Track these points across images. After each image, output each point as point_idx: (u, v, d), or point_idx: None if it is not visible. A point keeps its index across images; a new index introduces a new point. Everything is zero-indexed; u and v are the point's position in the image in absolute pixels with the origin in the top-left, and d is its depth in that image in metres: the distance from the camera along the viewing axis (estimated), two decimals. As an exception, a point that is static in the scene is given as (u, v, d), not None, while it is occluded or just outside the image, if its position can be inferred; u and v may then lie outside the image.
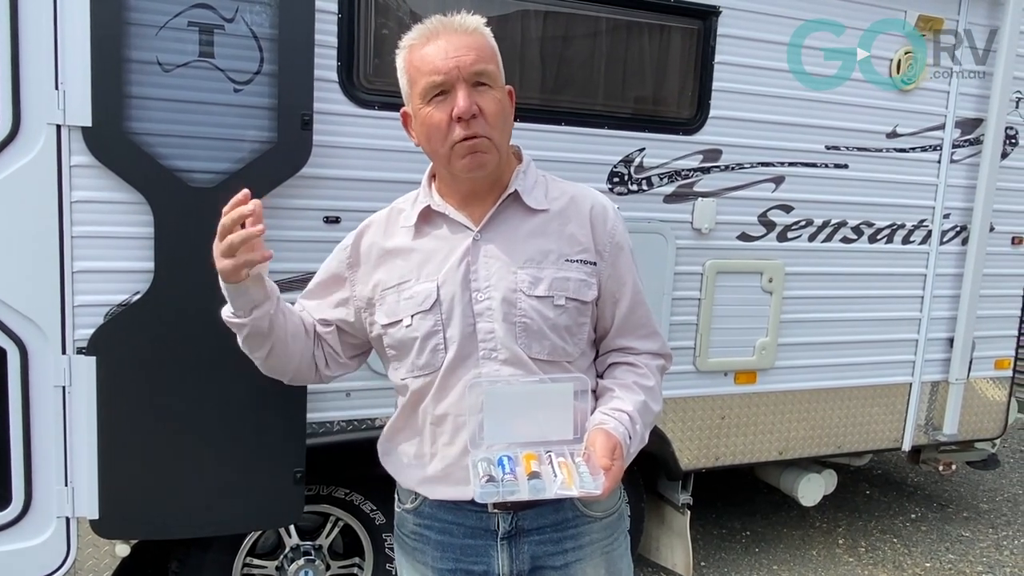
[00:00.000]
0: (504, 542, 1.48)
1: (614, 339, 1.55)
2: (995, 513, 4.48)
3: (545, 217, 1.47)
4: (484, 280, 1.43)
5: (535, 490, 1.28)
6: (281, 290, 2.43)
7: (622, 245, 1.52)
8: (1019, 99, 3.48)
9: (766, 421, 3.30)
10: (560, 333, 1.45)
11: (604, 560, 1.54)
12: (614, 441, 1.33)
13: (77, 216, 2.20)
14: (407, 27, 1.45)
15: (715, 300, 3.09)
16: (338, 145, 2.46)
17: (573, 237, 1.47)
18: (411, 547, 1.56)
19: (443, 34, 1.37)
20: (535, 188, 1.49)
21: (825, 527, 4.18)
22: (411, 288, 1.45)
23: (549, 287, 1.43)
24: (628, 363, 1.53)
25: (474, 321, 1.42)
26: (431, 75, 1.35)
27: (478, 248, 1.44)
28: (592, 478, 1.27)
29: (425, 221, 1.49)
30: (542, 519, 1.48)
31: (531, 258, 1.44)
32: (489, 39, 1.42)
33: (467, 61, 1.35)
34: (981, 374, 3.70)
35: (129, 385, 2.26)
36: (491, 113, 1.37)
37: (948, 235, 3.49)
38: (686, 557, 3.32)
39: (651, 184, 2.91)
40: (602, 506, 1.53)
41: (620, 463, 1.31)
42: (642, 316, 1.55)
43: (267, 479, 2.42)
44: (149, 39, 2.18)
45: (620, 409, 1.42)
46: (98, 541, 2.36)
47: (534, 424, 1.36)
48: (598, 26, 2.79)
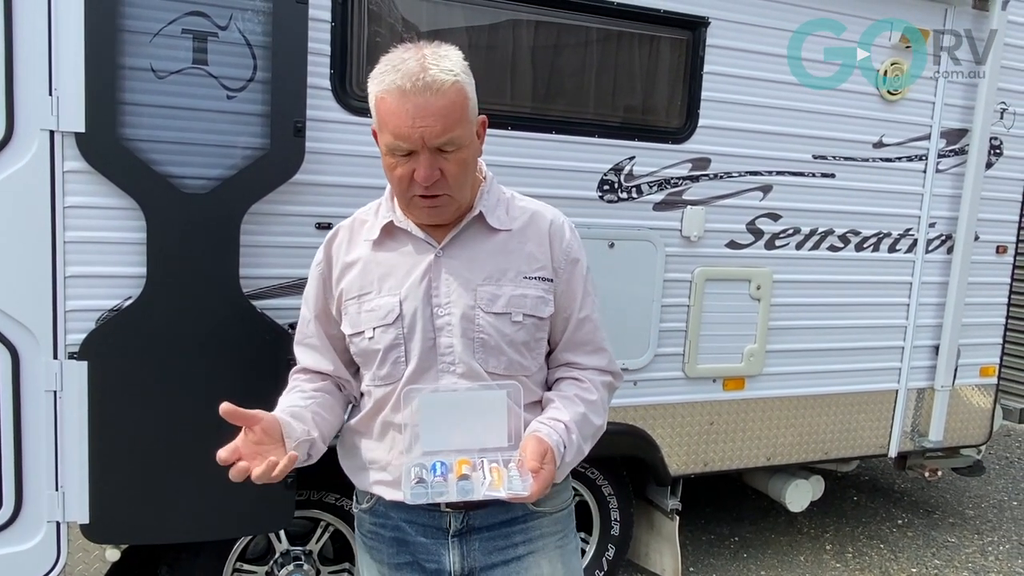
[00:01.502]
0: (455, 540, 1.52)
1: (561, 353, 1.58)
2: (980, 519, 4.52)
3: (506, 236, 1.50)
4: (445, 296, 1.46)
5: (463, 491, 1.31)
6: (271, 295, 2.48)
7: (577, 260, 1.55)
8: (1003, 110, 3.53)
9: (754, 427, 3.33)
10: (518, 348, 1.48)
11: (559, 554, 1.57)
12: (545, 446, 1.35)
13: (70, 221, 2.21)
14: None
15: (704, 307, 3.12)
16: (330, 152, 2.48)
17: (532, 255, 1.50)
18: (368, 546, 1.61)
19: (412, 96, 1.30)
20: (497, 207, 1.52)
21: (813, 533, 4.21)
22: (372, 301, 1.48)
23: (507, 304, 1.46)
24: (573, 377, 1.56)
25: (434, 335, 1.46)
26: (396, 138, 1.33)
27: (440, 265, 1.47)
28: (521, 481, 1.30)
29: (387, 235, 1.51)
30: (492, 517, 1.52)
31: (490, 275, 1.47)
32: (463, 92, 1.35)
33: (433, 132, 1.32)
34: (966, 381, 3.74)
35: (120, 390, 2.27)
36: (453, 175, 1.37)
37: (934, 244, 3.53)
38: (675, 562, 3.35)
39: (641, 192, 2.94)
40: (552, 502, 1.56)
41: (551, 467, 1.33)
42: (588, 332, 1.57)
43: (257, 484, 2.43)
44: (143, 46, 2.19)
45: (556, 419, 1.45)
46: (88, 546, 2.37)
47: (470, 432, 1.40)
48: (588, 36, 2.82)
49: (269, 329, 2.39)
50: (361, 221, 1.56)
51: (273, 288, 2.46)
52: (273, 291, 2.46)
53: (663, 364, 3.10)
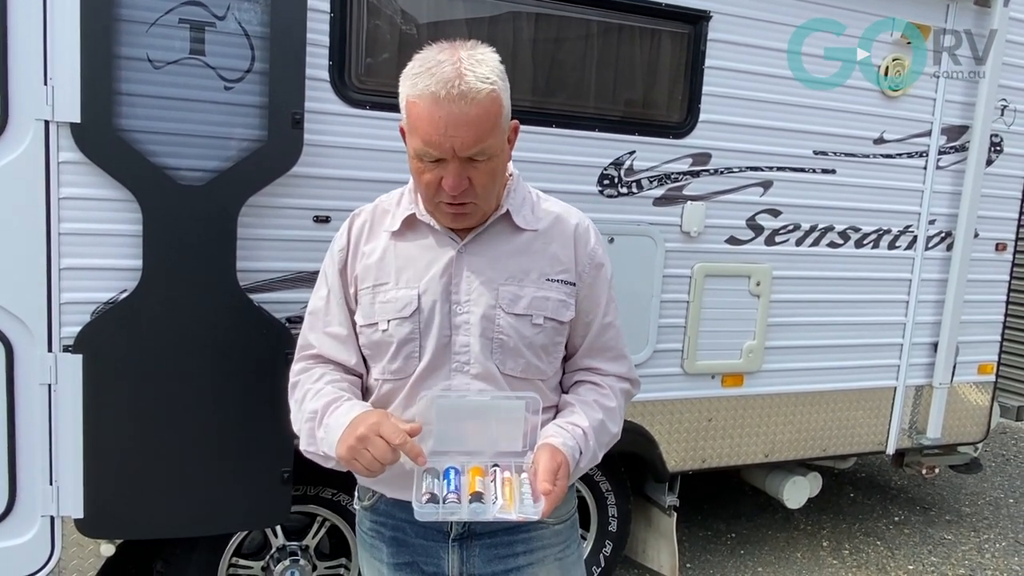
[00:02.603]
0: (455, 544, 1.50)
1: (582, 359, 1.55)
2: (977, 516, 4.52)
3: (531, 236, 1.47)
4: (465, 294, 1.43)
5: (474, 513, 1.29)
6: (270, 289, 2.45)
7: (601, 265, 1.52)
8: (1004, 107, 3.52)
9: (752, 424, 3.32)
10: (536, 351, 1.45)
11: (558, 567, 1.55)
12: (559, 460, 1.31)
13: (65, 213, 2.19)
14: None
15: (703, 303, 3.10)
16: (329, 144, 2.45)
17: (555, 257, 1.47)
18: (368, 544, 1.59)
19: (446, 104, 1.26)
20: (523, 206, 1.49)
21: (810, 530, 4.21)
22: (388, 292, 1.44)
23: (528, 305, 1.43)
24: (593, 382, 1.54)
25: (450, 333, 1.43)
26: (426, 145, 1.29)
27: (462, 261, 1.44)
28: (532, 503, 1.28)
29: (408, 227, 1.48)
30: (495, 524, 1.48)
31: (513, 275, 1.44)
32: (498, 101, 1.31)
33: (465, 143, 1.28)
34: (965, 379, 3.74)
35: (116, 384, 2.25)
36: (481, 184, 1.34)
37: (933, 240, 3.52)
38: (672, 559, 3.34)
39: (641, 187, 2.92)
40: (555, 513, 1.53)
41: (563, 483, 1.30)
42: (611, 338, 1.55)
43: (254, 479, 2.42)
44: (140, 35, 2.17)
45: (575, 424, 1.42)
46: (83, 540, 2.35)
47: (485, 436, 1.38)
48: (589, 29, 2.80)
49: (266, 323, 2.37)
50: (383, 210, 1.52)
51: (271, 282, 2.44)
52: (271, 285, 2.44)
53: (662, 360, 3.08)
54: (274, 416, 2.36)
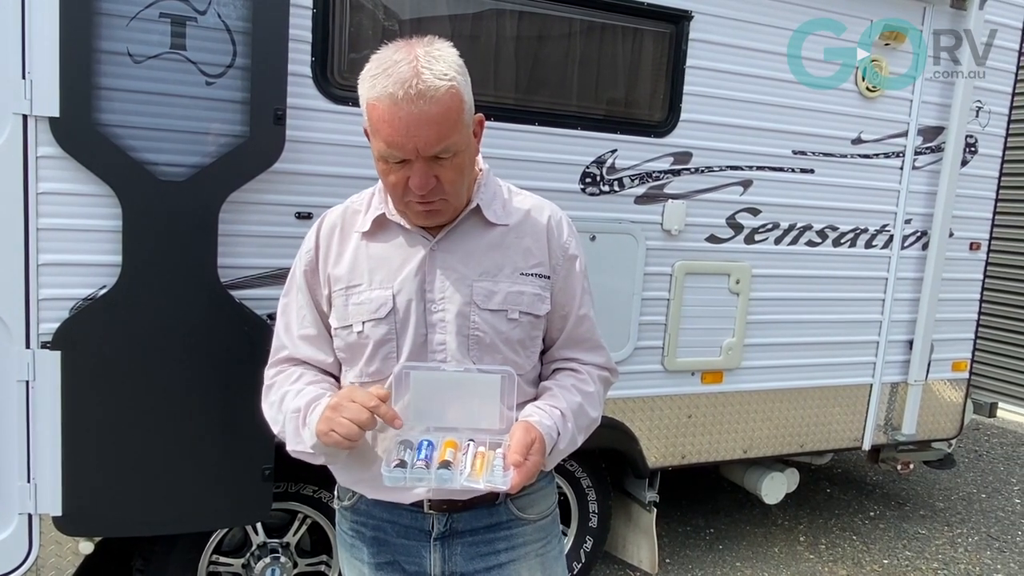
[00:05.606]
0: (437, 543, 1.49)
1: (559, 351, 1.56)
2: (950, 511, 4.60)
3: (503, 231, 1.47)
4: (439, 292, 1.42)
5: (441, 479, 1.28)
6: (251, 286, 2.44)
7: (575, 257, 1.52)
8: (979, 108, 3.58)
9: (732, 420, 3.36)
10: (513, 347, 1.45)
11: (539, 562, 1.55)
12: (533, 436, 1.31)
13: (43, 208, 2.16)
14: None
15: (683, 301, 3.13)
16: (311, 140, 2.45)
17: (528, 251, 1.47)
18: (348, 544, 1.58)
19: (404, 104, 1.24)
20: (494, 201, 1.48)
21: (787, 525, 4.26)
22: (362, 293, 1.43)
23: (503, 301, 1.43)
24: (571, 369, 1.54)
25: (427, 332, 1.42)
26: (389, 147, 1.28)
27: (434, 259, 1.43)
28: (502, 473, 1.27)
29: (379, 227, 1.47)
30: (476, 521, 1.49)
31: (486, 271, 1.44)
32: (458, 96, 1.29)
33: (428, 142, 1.27)
34: (939, 376, 3.80)
35: (94, 380, 2.23)
36: (449, 181, 1.33)
37: (909, 240, 3.58)
38: (652, 554, 3.37)
39: (622, 185, 2.94)
40: (536, 509, 1.54)
41: (536, 458, 1.29)
42: (587, 330, 1.55)
43: (235, 476, 2.41)
44: (119, 29, 2.15)
45: (553, 405, 1.43)
46: (61, 538, 2.33)
47: (462, 411, 1.38)
48: (572, 28, 2.81)
49: (247, 319, 2.36)
50: (354, 211, 1.51)
51: (252, 278, 2.43)
52: (252, 281, 2.43)
53: (642, 357, 3.11)
54: (255, 413, 2.34)
